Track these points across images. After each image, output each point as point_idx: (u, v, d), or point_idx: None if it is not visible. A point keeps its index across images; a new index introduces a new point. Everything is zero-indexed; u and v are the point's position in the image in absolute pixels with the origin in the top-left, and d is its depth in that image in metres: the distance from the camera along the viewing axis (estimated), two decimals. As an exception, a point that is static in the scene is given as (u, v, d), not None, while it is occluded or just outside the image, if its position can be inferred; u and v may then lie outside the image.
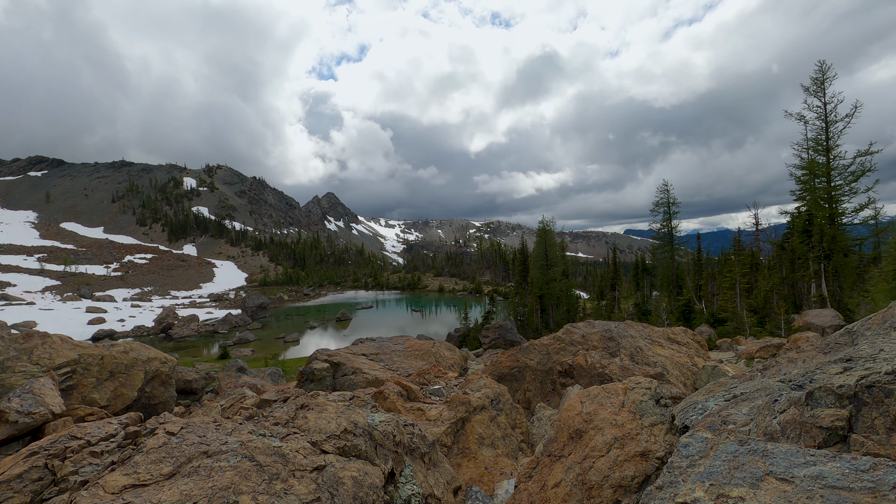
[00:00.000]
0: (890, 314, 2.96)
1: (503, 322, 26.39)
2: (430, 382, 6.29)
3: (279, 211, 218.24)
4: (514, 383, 8.07)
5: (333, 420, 3.33)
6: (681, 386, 6.95)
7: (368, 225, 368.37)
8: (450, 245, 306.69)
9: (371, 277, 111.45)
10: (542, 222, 44.14)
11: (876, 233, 24.79)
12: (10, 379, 6.75)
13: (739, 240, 32.29)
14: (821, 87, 23.64)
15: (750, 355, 10.56)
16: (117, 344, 9.25)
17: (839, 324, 15.27)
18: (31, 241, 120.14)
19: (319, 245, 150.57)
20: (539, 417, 6.25)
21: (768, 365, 3.39)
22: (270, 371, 18.68)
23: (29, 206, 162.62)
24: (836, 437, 1.84)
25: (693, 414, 2.66)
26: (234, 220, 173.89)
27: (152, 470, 2.36)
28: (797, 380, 2.31)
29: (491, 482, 4.36)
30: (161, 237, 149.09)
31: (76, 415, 6.72)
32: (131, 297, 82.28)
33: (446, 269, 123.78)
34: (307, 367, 8.03)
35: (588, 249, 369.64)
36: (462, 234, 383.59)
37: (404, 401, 5.08)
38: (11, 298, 68.55)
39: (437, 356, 9.31)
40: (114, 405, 8.32)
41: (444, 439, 4.54)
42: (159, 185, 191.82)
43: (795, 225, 25.76)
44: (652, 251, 41.94)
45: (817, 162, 24.08)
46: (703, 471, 1.90)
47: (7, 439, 5.34)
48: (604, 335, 7.91)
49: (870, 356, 2.16)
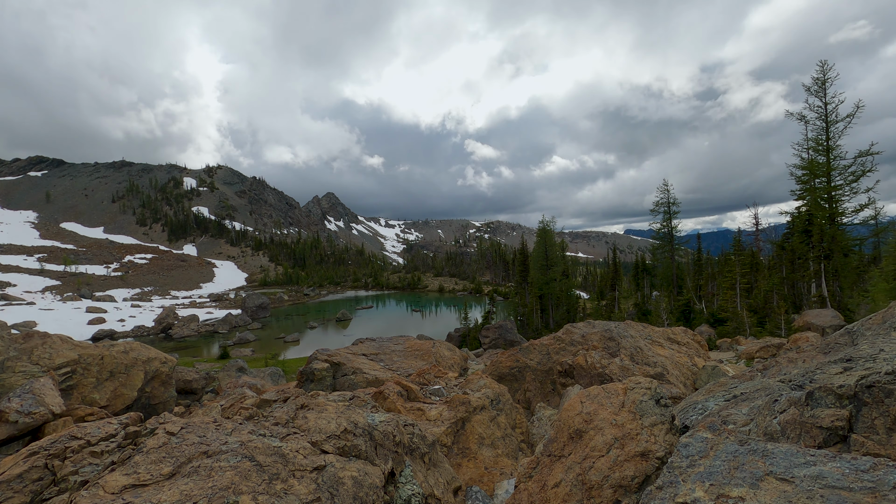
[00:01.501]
0: (890, 314, 2.96)
1: (503, 322, 26.39)
2: (430, 382, 6.29)
3: (279, 211, 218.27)
4: (514, 383, 8.07)
5: (333, 420, 3.33)
6: (681, 386, 6.95)
7: (368, 225, 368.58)
8: (450, 245, 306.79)
9: (371, 277, 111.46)
10: (542, 222, 44.14)
11: (876, 233, 24.79)
12: (10, 379, 6.75)
13: (739, 240, 32.29)
14: (822, 87, 23.63)
15: (750, 355, 10.55)
16: (117, 344, 9.25)
17: (839, 324, 15.27)
18: (31, 241, 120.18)
19: (319, 245, 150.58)
20: (539, 417, 6.25)
21: (768, 365, 3.39)
22: (270, 371, 18.68)
23: (29, 206, 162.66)
24: (836, 437, 1.84)
25: (693, 414, 2.66)
26: (234, 220, 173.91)
27: (152, 470, 2.36)
28: (797, 380, 2.31)
29: (491, 482, 4.36)
30: (161, 237, 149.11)
31: (76, 415, 6.73)
32: (131, 297, 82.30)
33: (446, 269, 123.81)
34: (307, 367, 8.02)
35: (588, 249, 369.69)
36: (462, 234, 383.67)
37: (404, 401, 5.08)
38: (11, 298, 68.57)
39: (437, 356, 9.31)
40: (114, 405, 8.32)
41: (444, 439, 4.54)
42: (159, 185, 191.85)
43: (795, 225, 25.76)
44: (652, 251, 41.93)
45: (817, 162, 24.07)
46: (704, 471, 1.90)
47: (7, 439, 5.34)
48: (604, 335, 7.91)
49: (870, 356, 2.16)
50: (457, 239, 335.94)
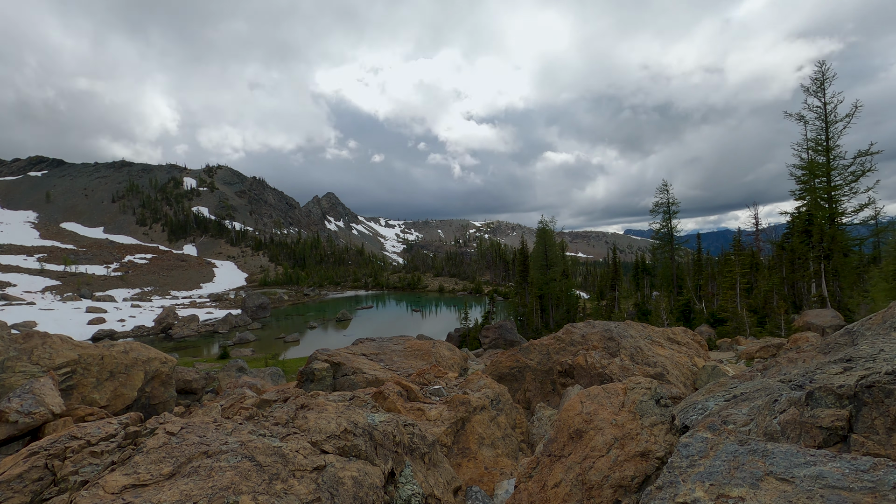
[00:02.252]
0: (890, 314, 2.97)
1: (503, 322, 26.39)
2: (430, 382, 6.29)
3: (279, 211, 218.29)
4: (514, 383, 8.06)
5: (333, 420, 3.33)
6: (681, 386, 6.95)
7: (368, 225, 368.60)
8: (450, 245, 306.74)
9: (371, 277, 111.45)
10: (542, 222, 44.15)
11: (876, 233, 24.79)
12: (10, 379, 6.75)
13: (739, 240, 32.31)
14: (821, 88, 23.64)
15: (750, 355, 10.55)
16: (117, 344, 9.25)
17: (839, 324, 15.27)
18: (31, 241, 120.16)
19: (319, 245, 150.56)
20: (539, 417, 6.25)
21: (768, 365, 3.39)
22: (270, 371, 18.68)
23: (29, 206, 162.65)
24: (836, 437, 1.84)
25: (693, 414, 2.66)
26: (234, 220, 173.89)
27: (152, 470, 2.36)
28: (797, 380, 2.31)
29: (491, 482, 4.36)
30: (161, 237, 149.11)
31: (76, 415, 6.73)
32: (131, 297, 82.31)
33: (446, 269, 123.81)
34: (307, 367, 8.02)
35: (588, 249, 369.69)
36: (462, 234, 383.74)
37: (404, 401, 5.08)
38: (11, 298, 68.57)
39: (437, 356, 9.31)
40: (114, 405, 8.32)
41: (444, 439, 4.54)
42: (159, 185, 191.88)
43: (795, 225, 25.77)
44: (652, 251, 41.94)
45: (817, 162, 24.08)
46: (704, 471, 1.90)
47: (7, 439, 5.34)
48: (604, 335, 7.91)
49: (870, 356, 2.16)
50: (457, 239, 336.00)
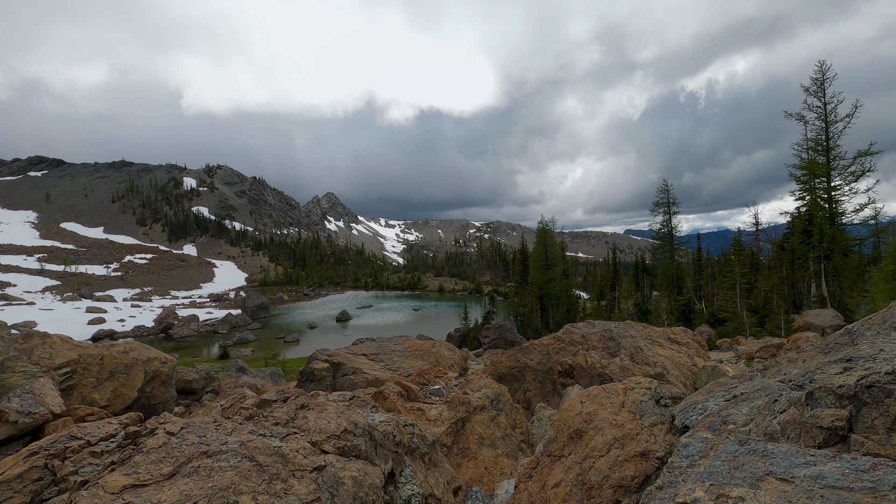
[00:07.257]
0: (890, 314, 2.96)
1: (503, 322, 26.38)
2: (430, 382, 6.29)
3: (279, 211, 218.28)
4: (514, 383, 8.07)
5: (333, 420, 3.33)
6: (681, 386, 6.95)
7: (368, 225, 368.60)
8: (450, 245, 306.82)
9: (371, 277, 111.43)
10: (542, 222, 44.14)
11: (876, 233, 24.77)
12: (10, 379, 6.75)
13: (739, 240, 32.30)
14: (821, 88, 23.63)
15: (750, 355, 10.55)
16: (117, 344, 9.25)
17: (839, 324, 15.26)
18: (31, 241, 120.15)
19: (319, 245, 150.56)
20: (539, 417, 6.25)
21: (768, 365, 3.39)
22: (270, 371, 18.69)
23: (29, 206, 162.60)
24: (836, 437, 1.84)
25: (693, 414, 2.66)
26: (234, 220, 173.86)
27: (152, 470, 2.36)
28: (797, 380, 2.31)
29: (491, 482, 4.36)
30: (161, 237, 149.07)
31: (76, 415, 6.72)
32: (131, 297, 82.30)
33: (446, 269, 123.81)
34: (307, 367, 8.03)
35: (588, 249, 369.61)
36: (462, 234, 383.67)
37: (404, 401, 5.08)
38: (11, 298, 68.57)
39: (437, 356, 9.31)
40: (114, 405, 8.32)
41: (444, 439, 4.54)
42: (159, 185, 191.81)
43: (795, 225, 25.75)
44: (652, 251, 41.94)
45: (817, 162, 24.07)
46: (703, 471, 1.90)
47: (7, 439, 5.34)
48: (604, 335, 7.91)
49: (870, 356, 2.15)
50: (457, 239, 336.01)
